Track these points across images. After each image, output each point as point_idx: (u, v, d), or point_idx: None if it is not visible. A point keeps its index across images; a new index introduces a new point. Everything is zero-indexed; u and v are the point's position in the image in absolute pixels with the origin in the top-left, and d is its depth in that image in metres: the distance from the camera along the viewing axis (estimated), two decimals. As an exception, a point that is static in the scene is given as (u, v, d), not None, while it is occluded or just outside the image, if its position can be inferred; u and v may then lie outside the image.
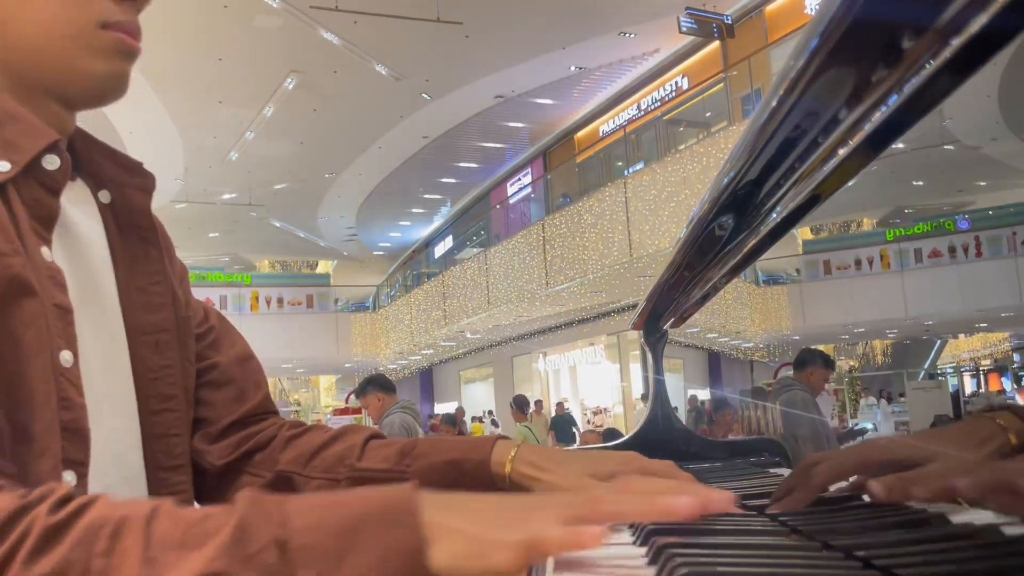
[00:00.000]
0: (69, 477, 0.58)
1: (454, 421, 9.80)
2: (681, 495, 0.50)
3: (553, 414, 12.96)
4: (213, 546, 0.40)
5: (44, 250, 0.61)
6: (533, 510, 0.47)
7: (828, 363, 4.02)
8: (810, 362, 3.98)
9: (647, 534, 0.58)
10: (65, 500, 0.43)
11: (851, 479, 0.72)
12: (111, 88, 0.67)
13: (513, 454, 0.72)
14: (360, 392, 4.63)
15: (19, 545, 0.40)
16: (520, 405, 8.99)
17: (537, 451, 0.73)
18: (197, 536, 0.41)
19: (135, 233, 0.72)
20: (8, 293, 0.55)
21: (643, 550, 0.56)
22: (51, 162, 0.62)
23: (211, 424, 0.78)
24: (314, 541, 0.40)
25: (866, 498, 0.70)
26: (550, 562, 0.54)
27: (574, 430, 11.97)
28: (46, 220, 0.62)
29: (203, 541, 0.40)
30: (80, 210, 0.68)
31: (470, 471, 0.72)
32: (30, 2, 0.63)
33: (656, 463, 0.72)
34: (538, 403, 13.21)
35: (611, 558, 0.56)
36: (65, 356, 0.60)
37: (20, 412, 0.56)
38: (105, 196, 0.71)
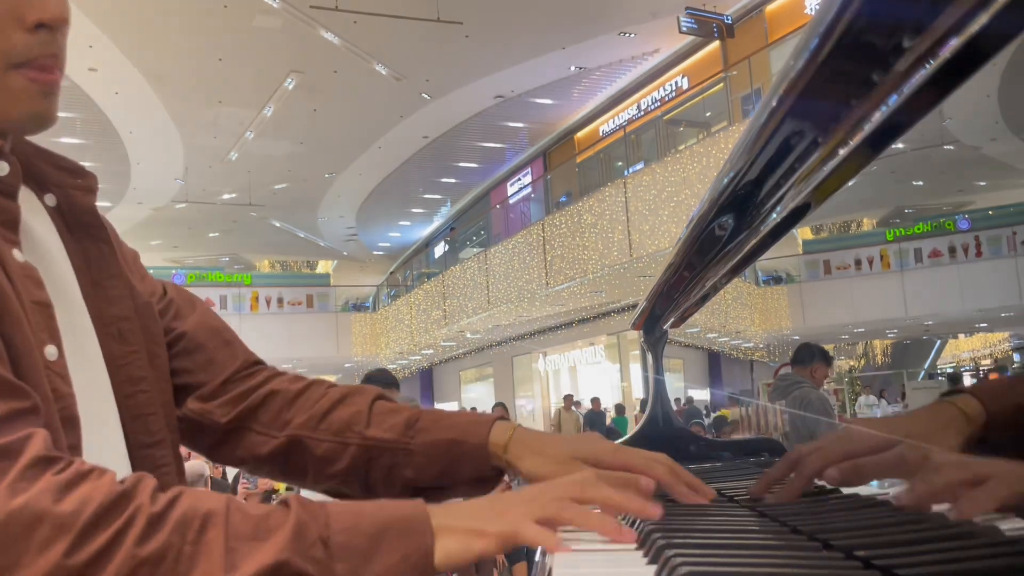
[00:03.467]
0: None
1: None
2: (609, 522, 0.59)
3: (588, 409, 12.90)
4: (278, 539, 0.50)
5: (15, 252, 0.63)
6: (512, 506, 0.59)
7: (828, 359, 3.91)
8: (813, 358, 3.82)
9: (647, 533, 0.58)
10: (157, 490, 0.51)
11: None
12: (34, 127, 0.65)
13: (510, 436, 0.77)
14: None
15: (128, 527, 0.48)
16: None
17: (533, 434, 0.78)
18: (264, 531, 0.50)
19: (84, 232, 0.74)
20: None
21: (643, 550, 0.56)
22: (0, 168, 0.64)
23: (199, 387, 0.81)
24: (349, 540, 0.51)
25: (862, 494, 0.70)
26: (552, 561, 0.54)
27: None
28: (10, 223, 0.64)
29: (269, 535, 0.50)
30: (31, 215, 0.69)
31: (469, 451, 0.77)
32: None
33: (638, 456, 0.75)
34: (567, 398, 13.15)
35: (611, 557, 0.56)
36: (50, 350, 0.62)
37: None
38: (51, 199, 0.72)
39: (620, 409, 13.21)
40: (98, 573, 0.47)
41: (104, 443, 0.69)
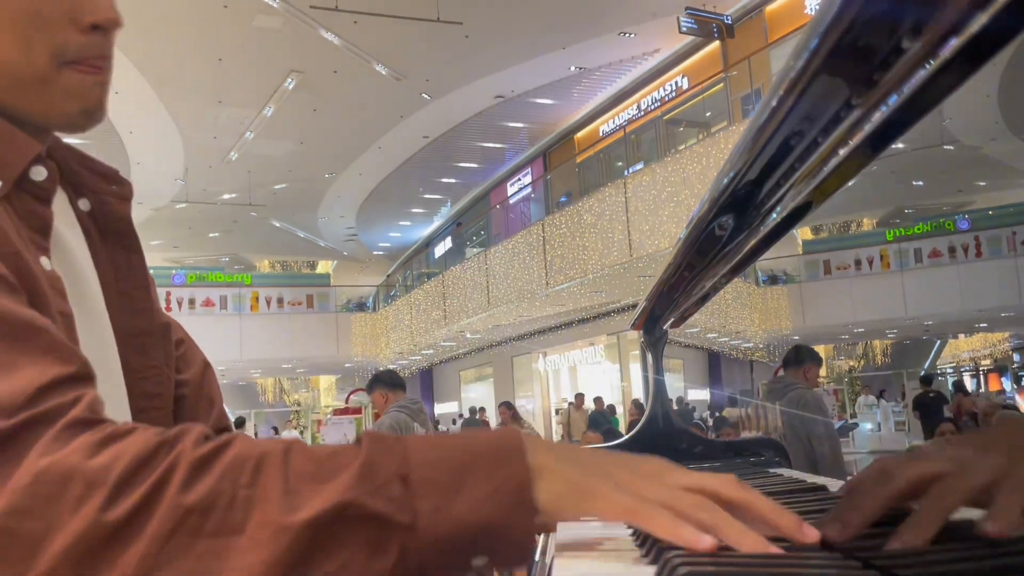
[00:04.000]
0: None
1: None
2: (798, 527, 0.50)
3: (592, 409, 12.93)
4: (345, 479, 0.44)
5: (44, 260, 0.62)
6: (632, 477, 0.50)
7: (818, 359, 3.98)
8: (804, 360, 3.88)
9: (647, 534, 0.58)
10: (205, 436, 0.47)
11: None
12: (85, 121, 0.66)
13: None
14: (369, 389, 4.62)
15: (169, 475, 0.44)
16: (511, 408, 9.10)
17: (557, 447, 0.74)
18: (329, 470, 0.45)
19: (116, 240, 0.73)
20: (32, 302, 0.56)
21: (643, 550, 0.56)
22: (38, 173, 0.63)
23: None
24: (433, 475, 0.46)
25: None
26: (551, 561, 0.54)
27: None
28: (42, 230, 0.63)
29: (335, 475, 0.45)
30: (62, 220, 0.69)
31: None
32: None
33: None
34: (579, 396, 13.15)
35: (611, 557, 0.56)
36: None
37: None
38: (84, 204, 0.72)
39: (612, 409, 13.25)
40: (141, 527, 0.43)
41: None
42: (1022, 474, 0.50)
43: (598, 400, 12.94)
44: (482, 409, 16.10)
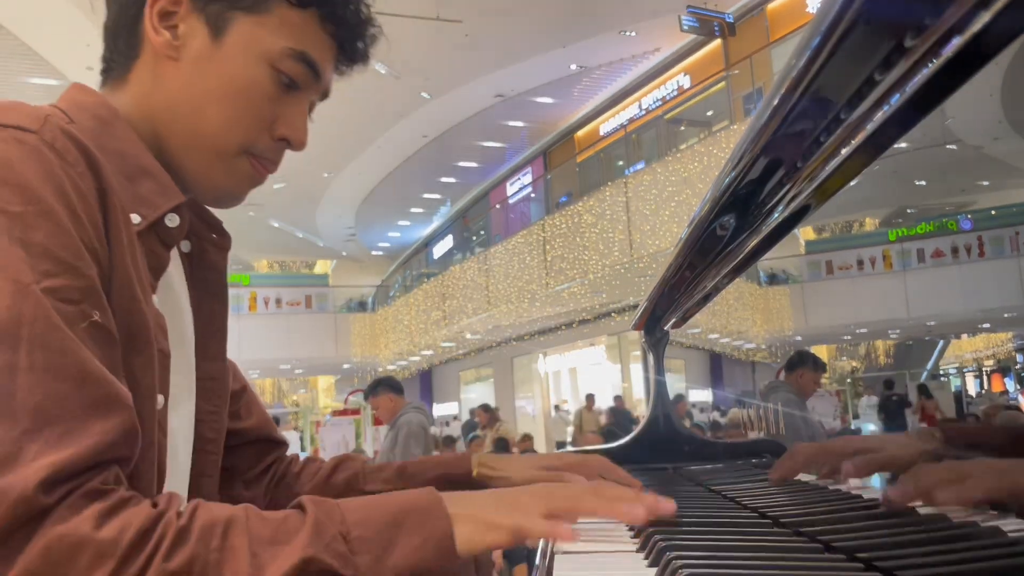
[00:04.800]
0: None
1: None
2: (636, 504, 0.61)
3: (612, 405, 12.89)
4: (302, 538, 0.52)
5: (154, 298, 0.65)
6: (523, 499, 0.61)
7: (818, 366, 4.10)
8: (799, 365, 4.03)
9: (648, 535, 0.58)
10: (182, 505, 0.53)
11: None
12: (226, 203, 0.74)
13: (480, 460, 0.91)
14: (371, 392, 4.67)
15: (160, 544, 0.50)
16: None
17: (492, 457, 0.92)
18: (285, 533, 0.53)
19: (205, 286, 0.77)
20: (136, 338, 0.60)
21: (644, 551, 0.56)
22: (172, 220, 0.67)
23: (244, 473, 0.92)
24: (367, 532, 0.53)
25: (864, 494, 0.70)
26: (552, 563, 0.54)
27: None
28: (157, 271, 0.67)
29: (292, 536, 0.52)
30: (172, 261, 0.73)
31: (458, 480, 0.90)
32: (216, 102, 0.69)
33: (591, 461, 0.90)
34: (589, 397, 13.14)
35: (612, 558, 0.56)
36: (159, 399, 0.65)
37: None
38: (186, 246, 0.75)
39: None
40: None
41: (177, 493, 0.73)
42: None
43: (618, 399, 12.96)
44: (487, 407, 16.02)
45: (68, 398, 0.51)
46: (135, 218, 0.63)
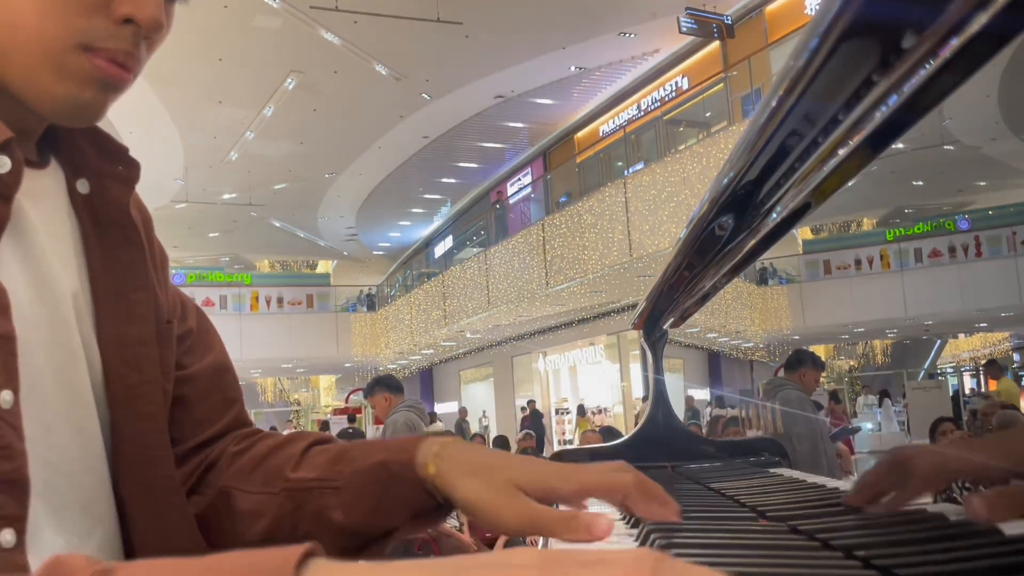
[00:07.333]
0: (8, 536, 0.50)
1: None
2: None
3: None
4: None
5: None
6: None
7: (818, 364, 4.21)
8: (802, 363, 4.12)
9: (647, 534, 0.58)
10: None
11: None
12: (72, 115, 0.56)
13: (436, 451, 0.59)
14: (368, 392, 4.70)
15: None
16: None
17: (468, 451, 0.59)
18: None
19: (115, 232, 0.62)
20: None
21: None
22: (1, 164, 0.52)
23: (175, 445, 0.67)
24: None
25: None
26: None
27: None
28: None
29: None
30: (44, 205, 0.58)
31: (397, 472, 0.60)
32: (3, 5, 0.53)
33: (597, 476, 0.56)
34: (580, 408, 13.14)
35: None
36: (4, 396, 0.51)
37: None
38: (83, 186, 0.61)
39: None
40: None
41: (73, 482, 0.57)
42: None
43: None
44: (462, 408, 15.94)
45: None
46: None
